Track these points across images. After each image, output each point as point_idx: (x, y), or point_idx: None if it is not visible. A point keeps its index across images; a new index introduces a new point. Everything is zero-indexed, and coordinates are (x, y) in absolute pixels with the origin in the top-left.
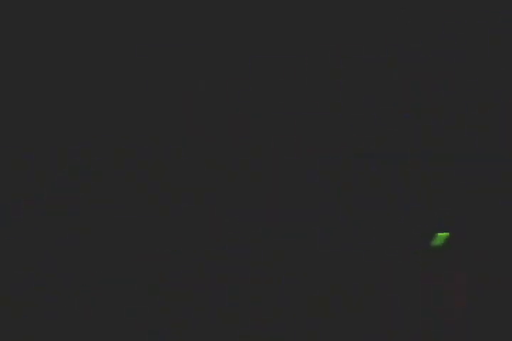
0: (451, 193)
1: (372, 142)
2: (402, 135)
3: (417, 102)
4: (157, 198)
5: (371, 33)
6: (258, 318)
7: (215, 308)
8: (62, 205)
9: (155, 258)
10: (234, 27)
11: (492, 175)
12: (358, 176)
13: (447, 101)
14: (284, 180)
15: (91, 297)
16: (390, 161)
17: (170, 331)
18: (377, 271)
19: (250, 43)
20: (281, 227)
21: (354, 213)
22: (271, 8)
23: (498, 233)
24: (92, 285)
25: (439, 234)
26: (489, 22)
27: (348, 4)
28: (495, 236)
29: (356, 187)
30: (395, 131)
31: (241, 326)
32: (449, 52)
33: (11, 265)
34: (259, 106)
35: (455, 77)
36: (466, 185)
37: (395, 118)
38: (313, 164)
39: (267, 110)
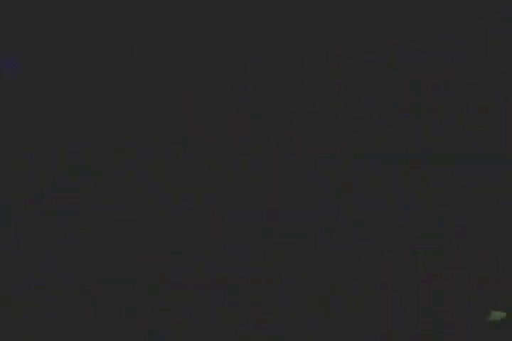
0: (451, 193)
1: (372, 142)
2: (402, 135)
3: (417, 102)
4: (157, 198)
5: (371, 33)
6: (258, 318)
7: (215, 308)
8: (62, 205)
9: (155, 258)
10: (234, 27)
11: (492, 175)
12: (358, 176)
13: (447, 101)
14: (284, 180)
15: (91, 297)
16: (390, 161)
17: (170, 331)
18: (377, 271)
19: (250, 43)
20: (281, 227)
21: (354, 213)
22: (271, 8)
23: (498, 233)
24: (92, 285)
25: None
26: (489, 22)
27: (348, 4)
28: (495, 236)
29: (356, 187)
30: (395, 131)
31: (241, 326)
32: (449, 52)
33: (11, 265)
34: (259, 106)
35: (455, 77)
36: (466, 185)
37: (395, 118)
38: (313, 164)
39: (267, 110)
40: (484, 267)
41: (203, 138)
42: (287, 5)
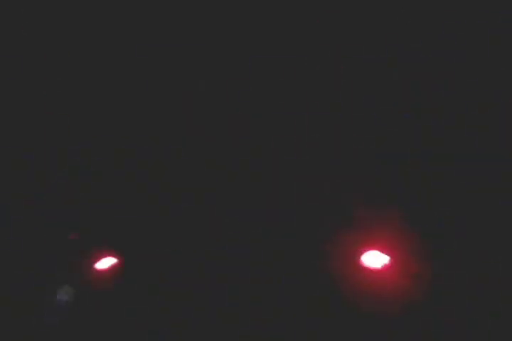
0: (451, 193)
1: (372, 142)
2: (402, 135)
3: (417, 102)
4: (157, 198)
5: (371, 33)
6: (258, 318)
7: (215, 308)
8: (62, 205)
9: (155, 258)
10: (234, 27)
11: (492, 175)
12: (358, 176)
13: (447, 101)
14: (284, 180)
15: (91, 297)
16: (390, 161)
17: (170, 331)
18: (377, 270)
19: (250, 43)
20: (281, 227)
21: (354, 213)
22: (271, 8)
23: (498, 233)
24: (91, 285)
25: None
26: (489, 22)
27: (348, 4)
28: (495, 236)
29: (356, 187)
30: (395, 131)
31: (241, 326)
32: (449, 52)
33: (11, 265)
34: (259, 106)
35: (455, 77)
36: (466, 185)
37: (395, 118)
38: (313, 164)
39: (267, 110)
40: (484, 267)
41: (203, 138)
42: (287, 5)
